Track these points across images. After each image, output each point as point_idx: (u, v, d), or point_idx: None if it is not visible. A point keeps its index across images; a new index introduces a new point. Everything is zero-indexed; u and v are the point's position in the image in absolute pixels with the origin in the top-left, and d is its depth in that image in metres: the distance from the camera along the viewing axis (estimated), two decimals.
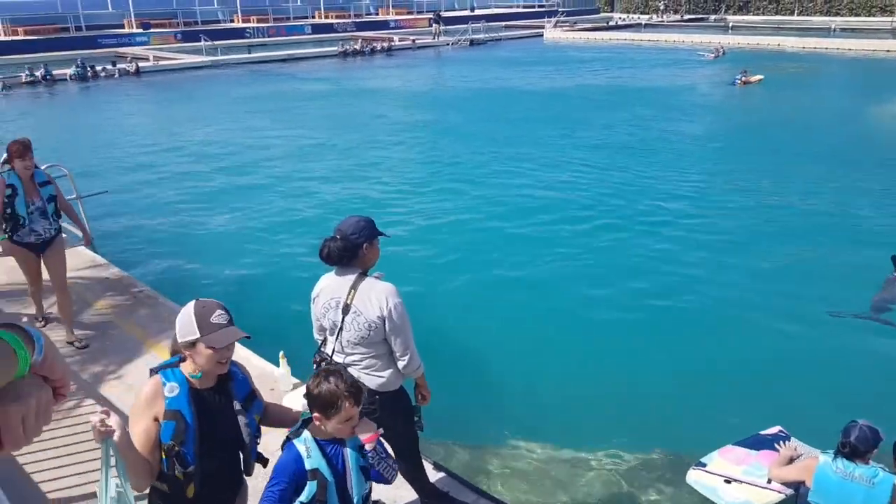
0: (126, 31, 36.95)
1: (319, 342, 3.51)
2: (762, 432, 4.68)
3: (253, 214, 10.19)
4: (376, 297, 3.17)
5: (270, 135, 15.86)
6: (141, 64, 27.31)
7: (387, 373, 3.32)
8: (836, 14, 50.42)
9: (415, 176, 12.31)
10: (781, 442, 4.41)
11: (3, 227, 5.18)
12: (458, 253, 8.67)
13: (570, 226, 9.57)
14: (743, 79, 22.08)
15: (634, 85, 23.24)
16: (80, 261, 7.16)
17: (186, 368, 2.39)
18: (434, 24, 40.74)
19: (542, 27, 46.12)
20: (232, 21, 44.05)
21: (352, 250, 3.21)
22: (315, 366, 3.44)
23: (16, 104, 20.59)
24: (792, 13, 53.16)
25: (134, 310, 6.16)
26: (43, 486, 3.88)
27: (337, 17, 48.06)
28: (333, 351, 3.35)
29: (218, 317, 2.32)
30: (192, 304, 2.38)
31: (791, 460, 4.06)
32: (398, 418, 3.45)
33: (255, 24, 40.92)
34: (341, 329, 3.25)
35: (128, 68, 26.38)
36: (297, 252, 8.64)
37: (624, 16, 57.23)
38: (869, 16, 48.97)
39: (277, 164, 13.10)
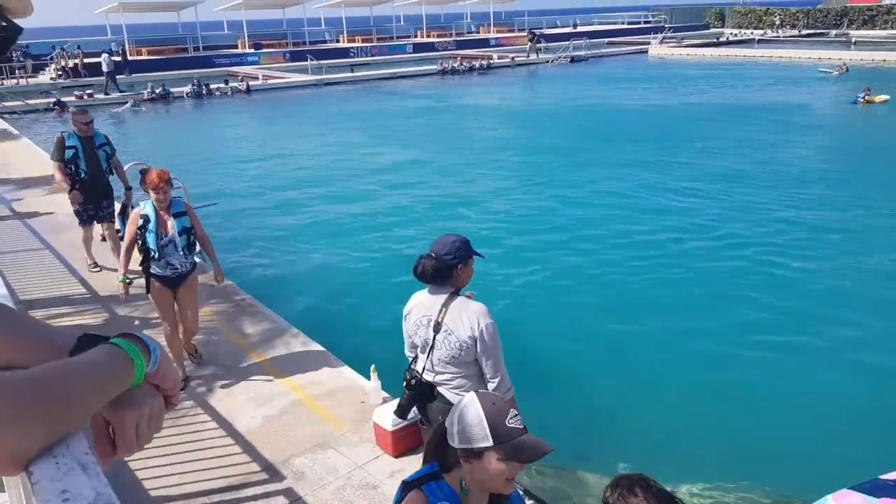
0: (239, 51, 39.20)
1: (410, 359, 3.50)
2: (883, 477, 4.25)
3: (350, 229, 10.42)
4: (468, 316, 3.14)
5: (370, 151, 16.27)
6: (251, 82, 28.82)
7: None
8: None
9: (509, 194, 12.22)
10: None
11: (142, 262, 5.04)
12: (550, 273, 8.47)
13: (670, 251, 9.14)
14: (866, 97, 20.55)
15: (746, 103, 22.16)
16: None
17: (454, 480, 1.93)
18: (530, 43, 40.03)
19: (648, 43, 45.07)
20: (337, 41, 45.86)
21: (445, 270, 3.20)
22: (405, 382, 3.43)
23: (139, 119, 22.22)
24: None
25: (236, 317, 6.39)
26: (150, 488, 4.05)
27: (438, 35, 49.03)
28: (424, 369, 3.34)
29: (514, 420, 1.86)
30: (476, 398, 1.89)
31: None
32: None
33: (360, 44, 42.36)
34: (432, 347, 3.24)
35: (239, 87, 27.94)
36: (391, 267, 8.73)
37: (736, 31, 54.98)
38: None
39: (375, 180, 13.38)
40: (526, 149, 16.19)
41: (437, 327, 3.19)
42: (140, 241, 5.05)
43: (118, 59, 26.97)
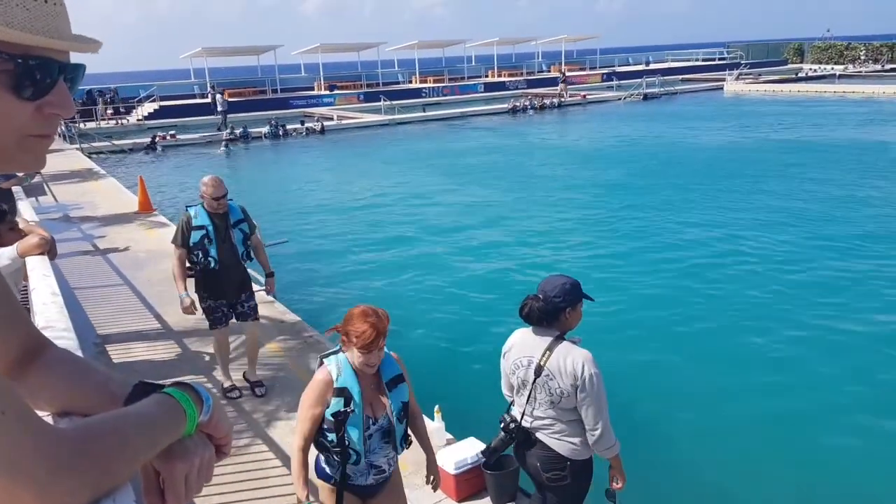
0: (315, 92, 40.69)
1: (507, 398, 3.43)
2: None
3: (421, 267, 10.48)
4: (572, 363, 3.03)
5: (441, 188, 16.44)
6: (326, 123, 29.80)
7: (577, 440, 3.14)
8: None
9: (582, 235, 12.04)
10: None
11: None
12: (637, 318, 8.22)
13: (750, 295, 8.78)
14: None
15: (824, 141, 21.26)
16: (259, 305, 7.71)
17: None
18: (562, 84, 37.81)
19: (723, 80, 44.15)
20: (410, 82, 47.01)
21: (553, 313, 3.11)
22: (502, 424, 3.35)
23: (220, 160, 23.25)
24: None
25: (304, 354, 6.47)
26: None
27: (509, 75, 49.56)
28: (523, 414, 3.25)
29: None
30: None
31: None
32: (584, 488, 3.28)
33: (431, 84, 43.28)
34: (532, 390, 3.15)
35: (314, 127, 28.91)
36: (460, 308, 8.71)
37: (815, 66, 53.22)
38: None
39: (445, 218, 13.47)
40: (593, 188, 15.99)
41: (539, 370, 3.11)
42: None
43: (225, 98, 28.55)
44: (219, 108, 27.89)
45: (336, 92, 40.00)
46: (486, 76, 50.05)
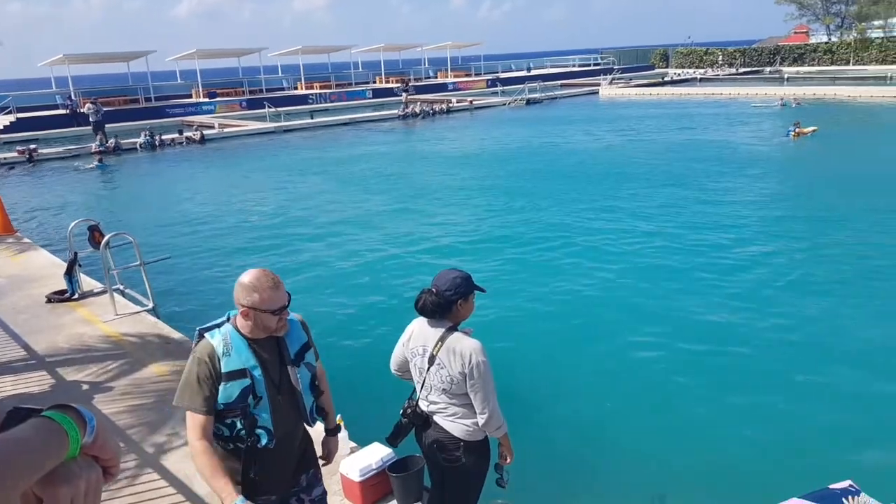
0: (193, 100, 39.04)
1: (396, 376, 3.63)
2: (831, 486, 4.40)
3: (311, 277, 10.30)
4: (461, 352, 3.22)
5: (331, 196, 16.25)
6: (206, 132, 28.64)
7: (470, 421, 3.34)
8: (892, 63, 49.35)
9: (472, 234, 12.28)
10: (850, 497, 4.15)
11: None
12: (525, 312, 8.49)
13: (620, 282, 9.32)
14: (797, 130, 21.55)
15: (689, 139, 22.98)
16: (140, 326, 7.32)
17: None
18: (403, 93, 37.19)
19: (598, 84, 46.51)
20: (295, 88, 46.11)
21: (446, 305, 3.29)
22: (402, 411, 3.53)
23: (86, 174, 21.75)
24: (847, 63, 52.18)
25: None
26: None
27: (397, 81, 49.71)
28: (418, 398, 3.46)
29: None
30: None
31: None
32: (481, 468, 3.47)
33: (318, 91, 42.66)
34: (426, 377, 3.35)
35: (193, 136, 27.70)
36: (353, 314, 8.64)
37: (679, 71, 57.23)
38: None
39: (335, 227, 13.32)
40: (484, 189, 16.38)
41: (431, 360, 3.30)
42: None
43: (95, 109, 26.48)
44: (91, 119, 25.98)
45: (217, 99, 38.59)
46: (374, 82, 50.01)
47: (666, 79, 51.21)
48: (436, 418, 3.38)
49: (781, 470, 5.13)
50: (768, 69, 54.84)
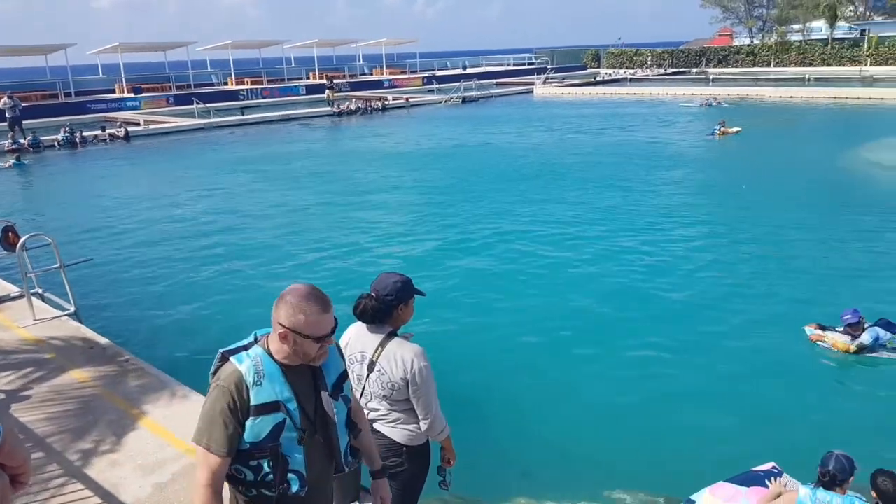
0: (117, 95, 37.54)
1: None
2: (755, 468, 4.69)
3: (243, 277, 10.07)
4: (402, 358, 3.16)
5: (262, 197, 15.92)
6: (131, 128, 27.58)
7: (412, 426, 3.29)
8: (810, 64, 52.17)
9: (409, 233, 12.28)
10: (773, 478, 4.44)
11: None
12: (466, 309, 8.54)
13: (553, 278, 9.52)
14: (722, 129, 22.50)
15: (620, 138, 23.63)
16: (61, 330, 7.01)
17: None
18: (327, 91, 36.47)
19: (533, 84, 47.22)
20: (225, 84, 44.95)
21: (386, 310, 3.21)
22: None
23: (2, 173, 20.59)
24: (769, 64, 54.79)
25: (119, 381, 5.96)
26: None
27: (323, 77, 49.11)
28: None
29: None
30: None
31: (779, 496, 4.06)
32: (423, 473, 3.44)
33: (249, 87, 41.71)
34: (366, 385, 3.26)
35: (117, 133, 26.62)
36: None
37: (610, 71, 58.74)
38: (839, 66, 50.76)
39: (267, 227, 13.06)
40: (421, 188, 16.40)
41: (371, 366, 3.21)
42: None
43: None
44: (7, 115, 24.52)
45: (142, 95, 37.25)
46: (308, 78, 49.26)
47: (598, 79, 52.50)
48: (376, 426, 3.30)
49: (709, 455, 5.33)
50: (695, 70, 56.95)
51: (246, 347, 2.29)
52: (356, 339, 3.31)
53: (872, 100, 32.68)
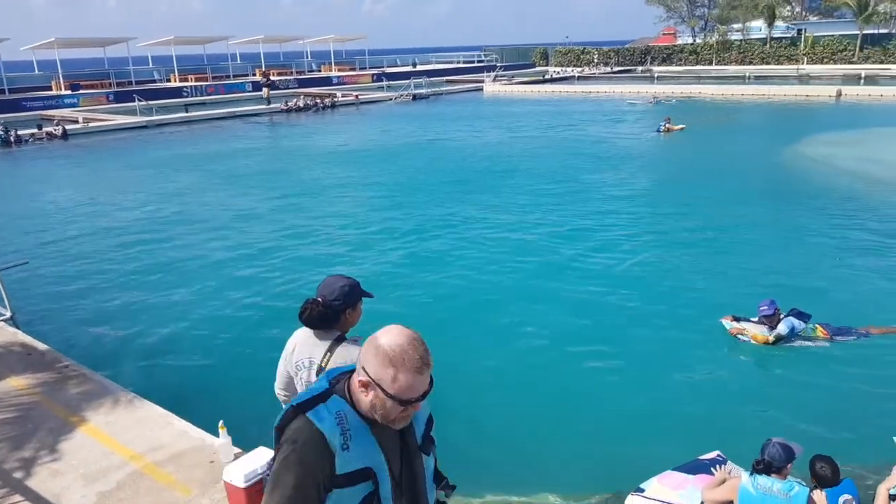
0: (54, 92, 36.18)
1: (281, 400, 3.34)
2: (701, 457, 4.84)
3: (187, 277, 9.82)
4: (351, 362, 3.05)
5: (208, 196, 15.57)
6: (69, 126, 26.63)
7: None
8: (750, 63, 53.96)
9: (357, 233, 12.19)
10: (718, 466, 4.60)
11: None
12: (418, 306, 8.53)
13: (492, 275, 9.60)
14: (667, 126, 23.05)
15: (568, 135, 23.97)
16: None
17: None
18: (264, 89, 35.51)
19: (482, 81, 47.45)
20: (168, 80, 43.78)
21: (333, 316, 3.12)
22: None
23: None
24: (710, 63, 56.40)
25: (59, 387, 5.76)
26: None
27: (279, 73, 48.39)
28: None
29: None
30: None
31: (723, 482, 4.20)
32: None
33: (193, 83, 40.73)
34: None
35: (54, 131, 25.65)
36: (231, 316, 8.34)
37: (558, 69, 59.48)
38: (777, 64, 52.70)
39: (213, 227, 12.76)
40: (371, 186, 16.28)
41: (320, 372, 3.10)
42: None
43: None
44: None
45: (80, 92, 36.00)
46: (254, 75, 48.37)
47: (546, 77, 53.10)
48: None
49: (656, 445, 5.46)
50: (640, 68, 58.19)
51: (323, 397, 1.82)
52: (303, 345, 3.20)
53: (809, 97, 33.99)
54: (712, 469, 4.54)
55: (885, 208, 12.53)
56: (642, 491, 4.53)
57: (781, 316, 7.03)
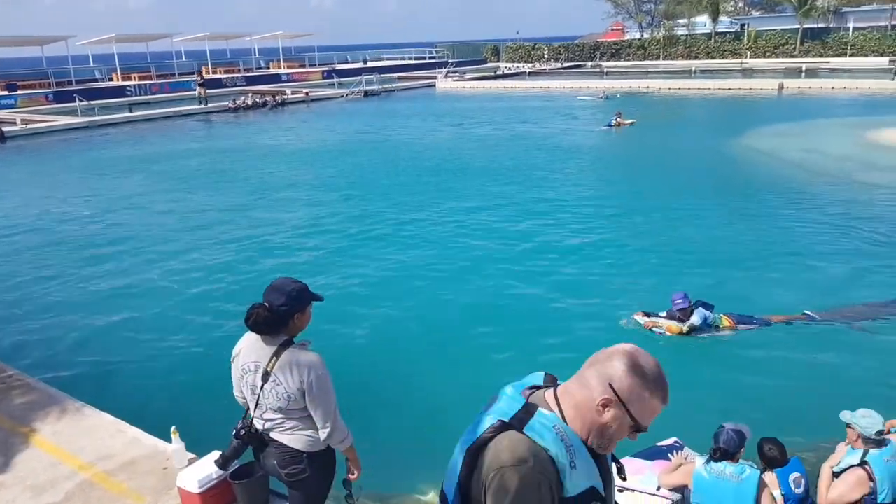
0: None
1: (242, 405, 3.32)
2: (659, 443, 4.92)
3: (131, 285, 9.51)
4: (298, 367, 3.02)
5: (154, 198, 15.16)
6: (6, 128, 25.63)
7: (311, 432, 3.16)
8: (696, 58, 55.34)
9: (308, 233, 12.05)
10: (675, 451, 4.69)
11: None
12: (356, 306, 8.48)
13: (447, 270, 9.64)
14: (618, 120, 23.46)
15: (521, 131, 24.13)
16: None
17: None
18: (198, 88, 34.62)
19: (434, 78, 47.42)
20: (111, 79, 42.52)
21: (280, 320, 3.05)
22: (234, 432, 3.27)
23: None
24: (658, 58, 57.63)
25: (3, 398, 5.55)
26: None
27: (225, 71, 47.49)
28: (252, 418, 3.21)
29: None
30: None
31: (679, 467, 4.30)
32: (327, 479, 3.33)
33: (137, 82, 39.65)
34: (260, 395, 3.10)
35: None
36: (181, 321, 8.15)
37: (510, 65, 59.85)
38: (722, 59, 54.22)
39: (162, 228, 12.45)
40: (321, 186, 16.11)
41: (266, 377, 3.05)
42: None
43: None
44: None
45: (18, 92, 34.66)
46: (200, 73, 47.28)
47: (498, 73, 53.39)
48: (273, 435, 3.16)
49: None
50: (590, 64, 59.03)
51: (528, 411, 1.66)
52: (249, 349, 3.14)
53: (753, 90, 35.04)
54: (669, 455, 4.63)
55: (824, 198, 13.01)
56: None
57: (692, 307, 7.14)
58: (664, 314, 7.31)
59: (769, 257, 9.66)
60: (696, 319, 7.04)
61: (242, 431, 3.23)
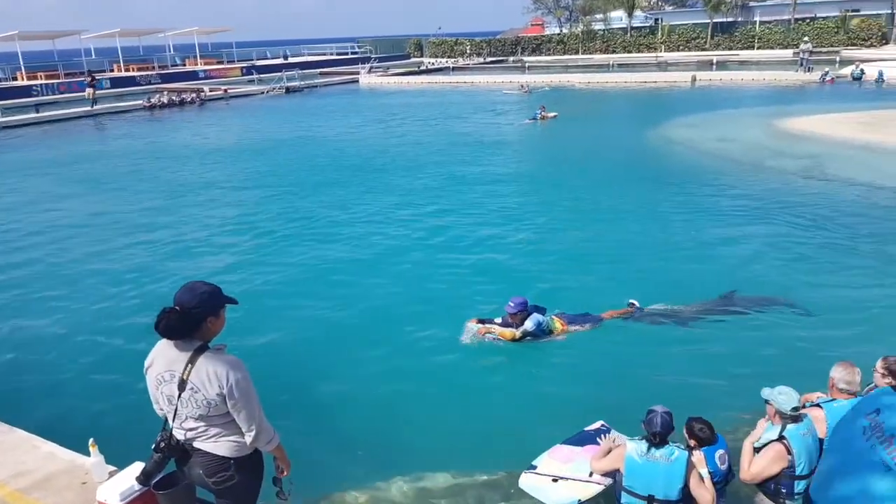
0: None
1: (161, 416, 3.21)
2: (587, 428, 5.00)
3: (41, 295, 8.99)
4: (215, 373, 2.92)
5: (64, 202, 14.40)
6: None
7: (236, 437, 3.09)
8: (613, 52, 57.09)
9: (227, 234, 11.74)
10: (603, 435, 4.77)
11: None
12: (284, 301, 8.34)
13: (366, 266, 9.61)
14: (542, 114, 23.93)
15: (445, 126, 24.20)
16: None
17: None
18: (88, 90, 32.46)
19: (358, 73, 47.00)
20: (15, 79, 40.19)
21: (193, 324, 2.94)
22: (154, 446, 3.16)
23: None
24: (577, 52, 59.08)
25: None
26: None
27: (139, 69, 45.64)
28: (172, 428, 3.11)
29: None
30: None
31: (610, 451, 4.37)
32: (256, 483, 3.27)
33: (44, 81, 37.59)
34: (178, 405, 3.00)
35: None
36: (95, 330, 7.78)
37: (433, 60, 60.01)
38: (638, 52, 56.16)
39: (69, 236, 11.76)
40: (240, 186, 15.65)
41: (182, 385, 2.94)
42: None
43: None
44: None
45: None
46: (112, 71, 45.29)
47: (422, 68, 53.44)
48: (196, 444, 3.09)
49: (542, 421, 5.56)
50: (511, 59, 59.91)
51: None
52: (161, 357, 3.03)
53: (667, 83, 36.38)
54: (598, 439, 4.70)
55: (737, 186, 13.61)
56: (535, 468, 4.62)
57: (527, 313, 7.00)
58: (499, 320, 7.14)
59: (675, 247, 9.82)
60: (529, 325, 6.87)
61: (163, 444, 3.13)
